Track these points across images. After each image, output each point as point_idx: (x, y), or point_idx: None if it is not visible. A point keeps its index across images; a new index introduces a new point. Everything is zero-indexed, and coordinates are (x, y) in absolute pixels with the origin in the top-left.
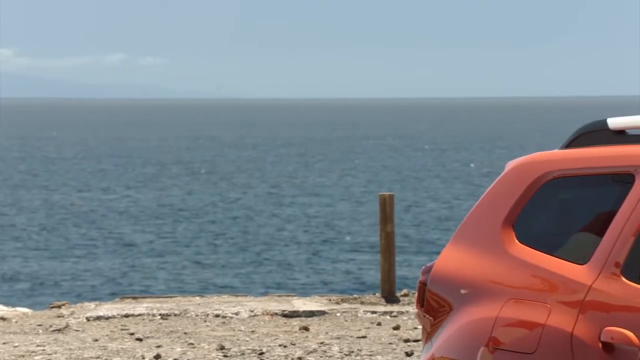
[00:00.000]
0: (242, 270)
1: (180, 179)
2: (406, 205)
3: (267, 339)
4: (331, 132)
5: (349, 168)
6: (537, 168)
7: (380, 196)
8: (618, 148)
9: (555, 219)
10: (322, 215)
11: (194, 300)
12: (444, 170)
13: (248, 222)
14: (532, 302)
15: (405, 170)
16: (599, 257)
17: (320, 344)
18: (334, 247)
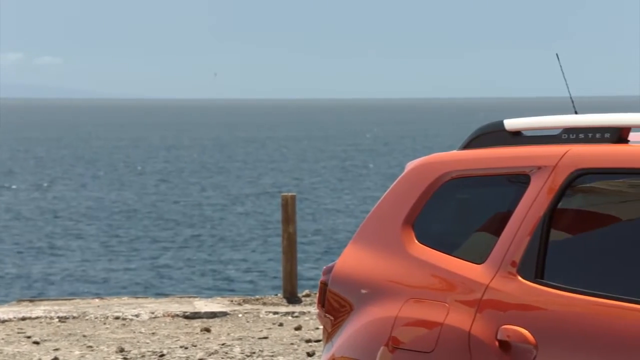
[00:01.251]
0: (143, 271)
1: (76, 179)
2: (309, 206)
3: (167, 340)
4: (233, 133)
5: (252, 168)
6: (436, 168)
7: (283, 197)
8: (514, 149)
9: (454, 219)
10: (224, 216)
11: (93, 302)
12: (345, 170)
13: (150, 223)
14: (430, 302)
15: (309, 171)
16: (496, 257)
17: (222, 345)
18: (236, 248)
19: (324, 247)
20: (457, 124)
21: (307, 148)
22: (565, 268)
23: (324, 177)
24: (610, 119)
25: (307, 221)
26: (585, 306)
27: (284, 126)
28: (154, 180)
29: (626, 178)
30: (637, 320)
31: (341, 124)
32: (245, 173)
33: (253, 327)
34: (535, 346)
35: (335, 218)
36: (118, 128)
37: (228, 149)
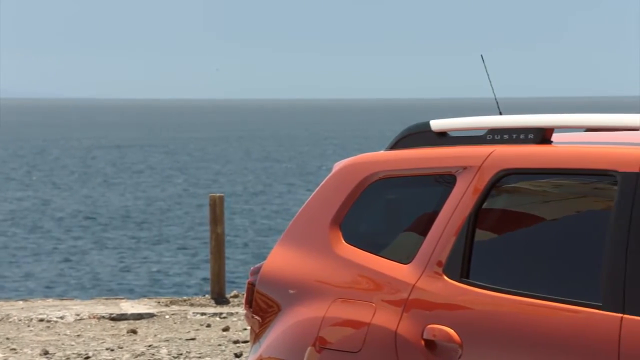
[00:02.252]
0: (68, 273)
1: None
2: (237, 206)
3: (93, 342)
4: (161, 133)
5: (179, 168)
6: (363, 169)
7: (211, 197)
8: (440, 149)
9: (382, 219)
10: (152, 217)
11: (16, 304)
12: (274, 171)
13: (76, 223)
14: (358, 302)
15: (237, 171)
16: (422, 257)
17: (149, 347)
18: (163, 249)
19: (253, 248)
20: (392, 124)
21: (236, 148)
22: (490, 267)
23: (252, 177)
24: (533, 120)
25: (236, 222)
26: (510, 305)
27: (219, 126)
28: (90, 180)
29: (550, 178)
30: (561, 319)
31: (276, 124)
32: (174, 173)
33: (180, 329)
34: (461, 345)
35: (264, 219)
36: (70, 128)
37: (164, 148)
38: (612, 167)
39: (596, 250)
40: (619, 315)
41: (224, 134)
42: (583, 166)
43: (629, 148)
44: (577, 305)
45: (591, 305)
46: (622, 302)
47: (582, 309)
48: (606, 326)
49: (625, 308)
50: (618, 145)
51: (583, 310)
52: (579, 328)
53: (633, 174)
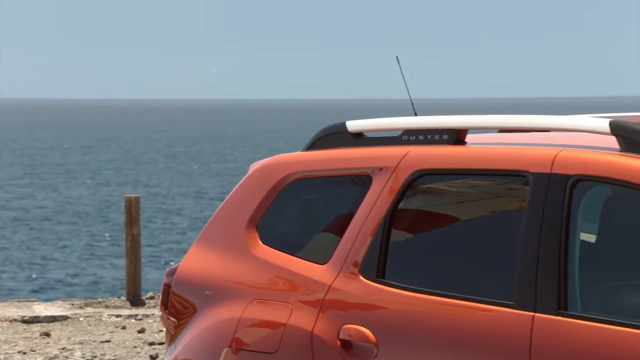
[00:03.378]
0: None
1: None
2: (153, 207)
3: (5, 346)
4: (70, 134)
5: (95, 169)
6: (279, 170)
7: (126, 198)
8: (356, 150)
9: (299, 220)
10: (65, 217)
11: None
12: (192, 172)
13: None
14: (274, 303)
15: (153, 172)
16: (339, 257)
17: (62, 350)
18: (78, 250)
19: (170, 249)
20: (312, 125)
21: (156, 149)
22: (406, 267)
23: (168, 178)
24: (447, 120)
25: (154, 223)
26: (425, 305)
27: (136, 127)
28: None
29: (464, 179)
30: (475, 319)
31: (198, 125)
32: (87, 175)
33: (95, 331)
34: (376, 345)
35: (182, 220)
36: None
37: (90, 150)
38: (524, 168)
39: (509, 250)
40: (531, 314)
41: (153, 135)
42: (496, 167)
43: (541, 149)
44: (490, 304)
45: (504, 304)
46: (534, 301)
47: (494, 308)
48: (518, 325)
49: (536, 307)
50: (530, 146)
51: (496, 310)
52: (491, 327)
53: (544, 174)
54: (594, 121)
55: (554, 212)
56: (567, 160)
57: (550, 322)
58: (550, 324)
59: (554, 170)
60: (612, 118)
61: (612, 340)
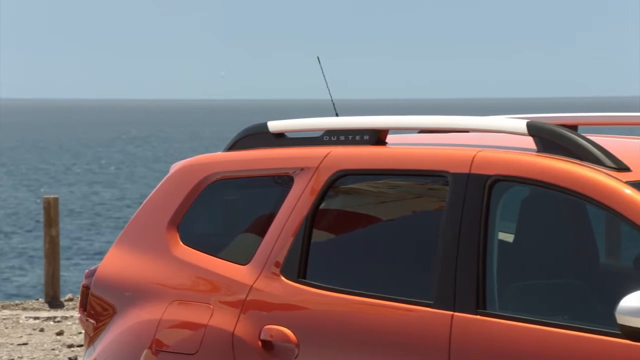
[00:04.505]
0: None
1: None
2: (73, 208)
3: None
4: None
5: (11, 170)
6: (200, 170)
7: (45, 199)
8: (278, 150)
9: (220, 220)
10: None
11: None
12: (110, 172)
13: None
14: (195, 304)
15: (74, 173)
16: (260, 257)
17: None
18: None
19: (89, 251)
20: (234, 125)
21: (68, 150)
22: (327, 268)
23: (91, 179)
24: (368, 121)
25: (72, 224)
26: (346, 305)
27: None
28: None
29: (385, 179)
30: (395, 318)
31: (100, 125)
32: (8, 173)
33: (12, 333)
34: (297, 345)
35: (102, 221)
36: None
37: (16, 151)
38: (443, 168)
39: (429, 250)
40: (450, 313)
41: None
42: (416, 167)
43: (460, 149)
44: (409, 304)
45: (423, 303)
46: (453, 300)
47: (414, 307)
48: (437, 324)
49: (455, 306)
50: (449, 146)
51: (415, 309)
52: (411, 326)
53: (463, 174)
54: (511, 122)
55: (472, 212)
56: (486, 161)
57: (468, 321)
58: (468, 323)
59: (473, 170)
60: (529, 119)
61: (529, 338)
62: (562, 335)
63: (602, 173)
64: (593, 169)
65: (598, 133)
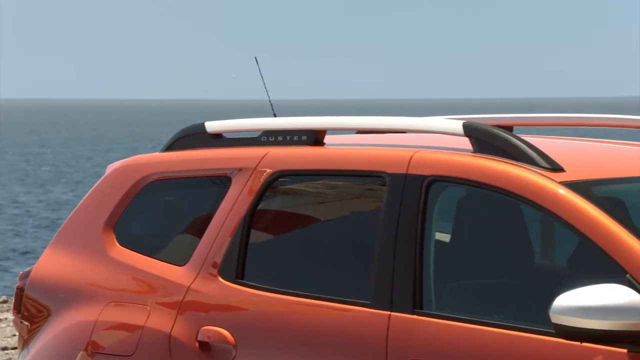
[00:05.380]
0: None
1: None
2: (6, 209)
3: None
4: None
5: None
6: (137, 171)
7: None
8: (215, 151)
9: (157, 221)
10: None
11: None
12: (42, 173)
13: None
14: (132, 305)
15: (6, 173)
16: (198, 258)
17: None
18: None
19: (24, 252)
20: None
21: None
22: (265, 268)
23: (26, 179)
24: (306, 122)
25: (5, 225)
26: (283, 305)
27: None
28: None
29: (323, 179)
30: (332, 318)
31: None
32: None
33: None
34: (235, 346)
35: (37, 222)
36: None
37: None
38: (381, 169)
39: (366, 250)
40: (387, 313)
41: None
42: (354, 167)
43: (397, 150)
44: (347, 304)
45: (360, 303)
46: (390, 300)
47: (352, 307)
48: (374, 324)
49: (392, 306)
50: (387, 147)
51: (353, 309)
52: (349, 326)
53: (401, 175)
54: (448, 123)
55: (409, 212)
56: (423, 161)
57: (405, 321)
58: (405, 323)
59: (410, 171)
60: (465, 120)
61: (465, 337)
62: (498, 335)
63: (536, 173)
64: (527, 169)
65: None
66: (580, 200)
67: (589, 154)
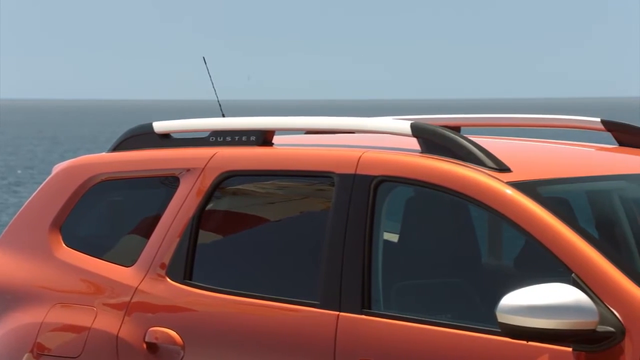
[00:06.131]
0: None
1: None
2: None
3: None
4: None
5: None
6: (84, 171)
7: None
8: (163, 151)
9: (105, 222)
10: None
11: None
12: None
13: None
14: (78, 306)
15: None
16: (146, 259)
17: None
18: None
19: None
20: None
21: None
22: (214, 269)
23: None
24: (254, 122)
25: None
26: (232, 306)
27: None
28: None
29: (272, 180)
30: (281, 319)
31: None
32: None
33: None
34: (183, 347)
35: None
36: None
37: None
38: (330, 169)
39: (315, 251)
40: (336, 313)
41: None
42: (303, 168)
43: (346, 150)
44: (296, 304)
45: (309, 304)
46: (339, 300)
47: (301, 308)
48: (323, 324)
49: (341, 306)
50: (336, 147)
51: (302, 310)
52: (297, 327)
53: (349, 175)
54: (396, 123)
55: (358, 213)
56: (371, 161)
57: (354, 321)
58: (354, 323)
59: (359, 171)
60: (414, 120)
61: (413, 337)
62: (446, 334)
63: (483, 174)
64: (475, 169)
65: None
66: (526, 200)
67: (536, 154)
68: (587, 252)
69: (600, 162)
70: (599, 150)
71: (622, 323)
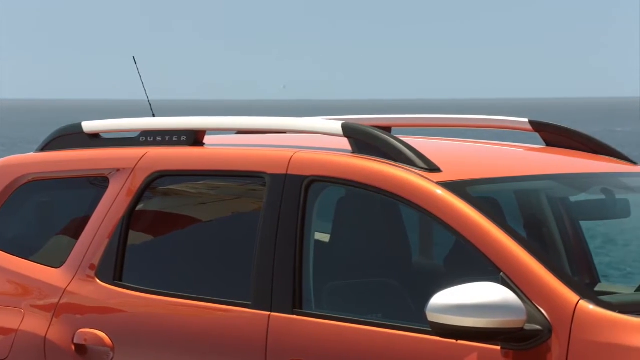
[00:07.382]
0: None
1: None
2: None
3: None
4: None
5: None
6: (10, 171)
7: None
8: (93, 151)
9: (33, 222)
10: None
11: None
12: None
13: None
14: (5, 308)
15: None
16: (74, 260)
17: None
18: None
19: None
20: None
21: None
22: (144, 270)
23: None
24: (185, 122)
25: None
26: (162, 307)
27: None
28: None
29: (203, 180)
30: (213, 319)
31: None
32: None
33: None
34: (112, 348)
35: None
36: None
37: None
38: (261, 169)
39: (247, 251)
40: (267, 314)
41: None
42: (234, 168)
43: (278, 150)
44: (228, 304)
45: (241, 304)
46: (270, 300)
47: (232, 308)
48: (254, 324)
49: (272, 306)
50: (267, 147)
51: (233, 310)
52: (229, 327)
53: (281, 175)
54: (327, 123)
55: (290, 213)
56: (302, 162)
57: (285, 321)
58: (285, 323)
59: (290, 171)
60: (345, 120)
61: (344, 336)
62: (377, 333)
63: (413, 174)
64: (405, 169)
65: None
66: (456, 200)
67: (465, 154)
68: (515, 252)
69: (528, 162)
70: (527, 151)
71: (550, 321)
